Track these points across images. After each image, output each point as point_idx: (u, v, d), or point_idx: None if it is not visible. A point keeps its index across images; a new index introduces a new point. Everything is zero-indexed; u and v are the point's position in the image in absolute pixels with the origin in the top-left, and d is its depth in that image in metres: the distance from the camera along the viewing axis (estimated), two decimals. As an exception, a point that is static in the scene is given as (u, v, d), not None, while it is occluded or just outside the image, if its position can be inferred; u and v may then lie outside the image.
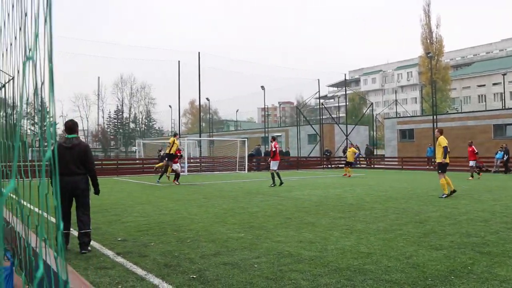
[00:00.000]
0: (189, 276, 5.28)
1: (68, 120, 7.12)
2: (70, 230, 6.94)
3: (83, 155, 6.74)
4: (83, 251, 6.52)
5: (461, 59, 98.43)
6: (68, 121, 7.02)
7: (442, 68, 63.52)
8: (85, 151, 6.79)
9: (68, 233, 6.84)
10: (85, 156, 6.76)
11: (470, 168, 23.87)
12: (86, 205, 6.85)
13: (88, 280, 5.02)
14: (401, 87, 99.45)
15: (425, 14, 63.77)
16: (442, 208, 11.18)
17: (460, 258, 6.06)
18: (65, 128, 6.96)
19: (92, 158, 6.97)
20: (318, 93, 46.48)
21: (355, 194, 14.98)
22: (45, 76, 1.42)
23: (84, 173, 6.80)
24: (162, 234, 7.84)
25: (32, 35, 1.42)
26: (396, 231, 8.09)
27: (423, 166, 34.49)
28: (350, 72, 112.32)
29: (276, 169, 18.46)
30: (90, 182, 6.98)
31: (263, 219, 9.56)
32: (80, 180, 6.73)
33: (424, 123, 40.69)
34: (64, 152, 6.65)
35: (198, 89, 36.98)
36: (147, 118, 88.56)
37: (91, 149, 7.08)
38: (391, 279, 5.11)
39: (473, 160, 23.53)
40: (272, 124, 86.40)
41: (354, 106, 79.32)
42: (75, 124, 7.07)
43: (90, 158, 6.85)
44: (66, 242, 6.70)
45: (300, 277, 5.22)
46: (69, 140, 6.78)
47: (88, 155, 6.82)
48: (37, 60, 1.40)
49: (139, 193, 15.41)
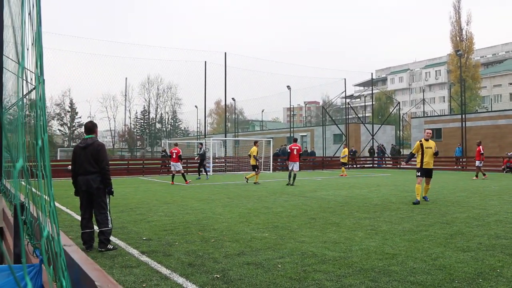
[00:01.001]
0: (213, 275, 5.32)
1: (88, 121, 7.40)
2: (93, 228, 7.01)
3: (96, 153, 6.89)
4: (99, 249, 6.69)
5: (492, 56, 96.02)
6: (87, 122, 7.33)
7: (472, 66, 62.06)
8: (98, 150, 6.92)
9: (90, 232, 6.93)
10: (97, 155, 6.90)
11: (476, 168, 23.59)
12: (102, 204, 6.94)
13: (113, 278, 5.11)
14: (429, 86, 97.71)
15: (455, 11, 62.36)
16: (470, 209, 10.95)
17: (489, 260, 5.93)
18: (84, 128, 7.29)
19: (105, 157, 7.02)
20: (344, 92, 46.04)
21: (380, 194, 14.81)
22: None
23: (98, 171, 6.92)
24: (187, 234, 7.91)
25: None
26: (422, 232, 7.96)
27: (450, 166, 33.82)
28: (377, 71, 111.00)
29: (292, 169, 19.38)
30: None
31: (287, 219, 9.55)
32: (93, 178, 6.87)
33: (452, 122, 39.89)
34: (80, 152, 6.96)
35: (224, 89, 37.12)
36: (173, 119, 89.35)
37: (105, 149, 7.13)
38: (417, 280, 5.04)
39: (478, 160, 23.23)
40: (298, 124, 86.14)
41: (381, 106, 78.34)
42: (93, 125, 7.29)
43: (102, 156, 6.94)
44: (89, 240, 6.85)
45: (324, 277, 5.19)
46: (85, 140, 7.07)
47: (100, 153, 6.92)
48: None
49: (164, 193, 15.58)
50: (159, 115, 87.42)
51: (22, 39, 1.83)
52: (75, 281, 1.84)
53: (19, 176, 2.25)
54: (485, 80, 76.18)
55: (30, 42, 1.71)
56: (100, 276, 1.65)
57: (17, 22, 2.00)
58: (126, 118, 76.72)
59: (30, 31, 1.68)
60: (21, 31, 1.86)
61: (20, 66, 1.63)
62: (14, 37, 2.06)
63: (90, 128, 7.18)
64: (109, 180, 7.04)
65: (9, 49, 3.77)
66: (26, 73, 1.86)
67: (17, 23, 2.00)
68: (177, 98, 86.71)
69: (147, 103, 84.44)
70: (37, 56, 1.47)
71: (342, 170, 27.29)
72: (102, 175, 6.94)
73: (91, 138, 7.08)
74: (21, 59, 1.53)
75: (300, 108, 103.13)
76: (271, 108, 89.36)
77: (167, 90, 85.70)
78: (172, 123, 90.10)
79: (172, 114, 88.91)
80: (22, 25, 1.84)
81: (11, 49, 3.00)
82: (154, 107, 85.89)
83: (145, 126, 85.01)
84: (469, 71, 60.34)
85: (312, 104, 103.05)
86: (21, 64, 1.53)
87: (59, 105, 72.34)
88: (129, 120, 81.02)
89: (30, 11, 1.55)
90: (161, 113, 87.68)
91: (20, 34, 1.88)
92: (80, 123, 74.42)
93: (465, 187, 17.39)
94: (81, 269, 1.75)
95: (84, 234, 6.89)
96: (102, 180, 6.94)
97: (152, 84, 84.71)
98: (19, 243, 3.08)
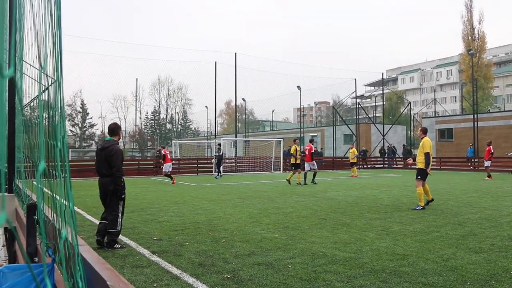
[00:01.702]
0: (223, 275, 5.33)
1: (112, 122, 7.49)
2: (107, 221, 7.14)
3: (109, 158, 6.95)
4: (106, 248, 6.85)
5: (505, 56, 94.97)
6: (111, 124, 7.44)
7: (484, 65, 61.43)
8: (111, 155, 6.94)
9: (105, 223, 7.09)
10: (110, 159, 6.95)
11: (485, 168, 23.48)
12: (114, 206, 7.04)
13: (125, 278, 5.14)
14: (440, 86, 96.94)
15: (467, 10, 61.73)
16: (482, 210, 10.85)
17: (502, 262, 5.87)
18: (108, 129, 7.41)
19: (118, 162, 6.98)
20: (355, 92, 45.88)
21: (391, 194, 14.73)
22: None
23: (111, 175, 6.99)
24: (197, 234, 7.93)
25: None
26: (433, 233, 7.90)
27: (462, 166, 33.53)
28: (388, 71, 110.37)
29: (304, 170, 20.00)
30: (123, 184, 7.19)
31: (297, 219, 9.54)
32: (108, 181, 6.99)
33: (464, 122, 39.54)
34: (98, 154, 7.15)
35: (234, 90, 37.15)
36: (184, 119, 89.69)
37: (120, 154, 7.10)
38: (428, 282, 5.00)
39: (487, 160, 23.16)
40: (308, 124, 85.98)
41: (392, 106, 77.91)
42: (116, 127, 7.36)
43: (115, 161, 6.93)
44: (103, 230, 7.01)
45: (335, 278, 5.18)
46: (103, 142, 7.20)
47: (113, 158, 6.93)
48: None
49: (175, 193, 15.63)
50: (169, 116, 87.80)
51: (43, 42, 1.85)
52: (87, 280, 1.86)
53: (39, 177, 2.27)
54: (497, 80, 75.37)
55: (49, 44, 1.74)
56: (111, 275, 1.66)
57: (38, 24, 2.03)
58: (137, 118, 77.18)
59: (50, 33, 1.71)
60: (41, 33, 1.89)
61: (41, 68, 1.65)
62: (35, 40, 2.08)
63: (111, 130, 7.28)
64: (119, 186, 7.02)
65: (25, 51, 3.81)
66: (43, 75, 1.88)
67: (38, 25, 2.03)
68: (187, 98, 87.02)
69: (157, 104, 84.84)
70: (56, 58, 1.49)
71: (353, 170, 27.02)
72: (113, 180, 6.99)
73: (109, 140, 7.14)
74: (43, 62, 1.55)
75: (310, 108, 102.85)
76: (281, 108, 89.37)
77: (177, 91, 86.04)
78: (183, 123, 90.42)
79: (182, 114, 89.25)
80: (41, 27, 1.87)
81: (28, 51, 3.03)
82: (165, 108, 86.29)
83: (156, 127, 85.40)
84: (481, 71, 59.76)
85: (323, 104, 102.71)
86: (43, 67, 1.55)
87: (70, 106, 73.03)
88: (139, 120, 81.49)
89: (51, 13, 1.57)
90: (172, 114, 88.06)
91: (41, 37, 1.90)
92: (91, 123, 74.98)
93: (477, 188, 17.23)
94: (93, 268, 1.77)
95: (100, 224, 7.15)
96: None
97: (162, 85, 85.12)
98: (32, 242, 3.11)
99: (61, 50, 1.48)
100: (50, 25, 1.67)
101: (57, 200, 1.87)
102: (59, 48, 1.48)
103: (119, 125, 7.53)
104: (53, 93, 1.65)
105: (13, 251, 4.46)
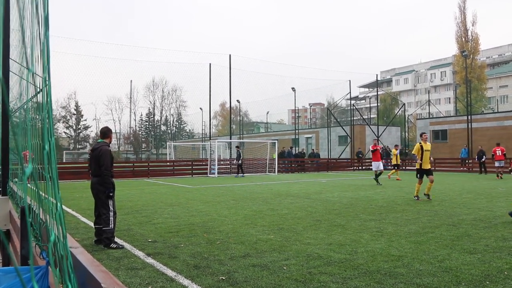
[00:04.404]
0: (218, 277, 5.32)
1: (104, 126, 7.92)
2: (101, 225, 7.29)
3: (99, 158, 7.33)
4: (103, 246, 7.06)
5: (499, 57, 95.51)
6: (102, 127, 7.87)
7: (477, 67, 61.73)
8: (100, 155, 7.34)
9: (98, 228, 7.35)
10: (99, 159, 7.32)
11: (496, 168, 25.09)
12: (103, 205, 7.30)
13: (119, 280, 5.12)
14: (434, 87, 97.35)
15: (460, 12, 62.03)
16: (476, 211, 10.90)
17: (496, 262, 5.89)
18: (100, 133, 7.86)
19: (106, 162, 7.29)
20: (349, 94, 45.94)
21: (386, 196, 14.76)
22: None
23: (101, 174, 7.33)
24: (192, 236, 7.92)
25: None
26: (428, 234, 7.93)
27: (456, 167, 33.67)
28: (382, 72, 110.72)
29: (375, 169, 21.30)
30: (113, 184, 7.47)
31: (292, 221, 9.53)
32: (97, 181, 7.37)
33: (458, 123, 39.73)
34: (91, 155, 7.66)
35: (229, 91, 37.10)
36: (178, 121, 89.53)
37: (108, 154, 7.38)
38: (423, 283, 5.02)
39: (498, 161, 24.73)
40: (303, 126, 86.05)
41: (386, 107, 78.10)
42: (107, 130, 7.79)
43: (103, 161, 7.29)
44: (98, 235, 7.30)
45: (330, 279, 5.18)
46: (95, 144, 7.70)
47: (102, 157, 7.30)
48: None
49: (170, 195, 15.59)
50: (164, 118, 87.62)
51: (31, 43, 1.84)
52: (81, 282, 1.85)
53: (27, 179, 2.26)
54: (491, 81, 75.81)
55: (38, 46, 1.72)
56: (106, 277, 1.65)
57: (25, 26, 2.01)
58: (131, 120, 77.10)
59: (38, 35, 1.70)
60: (29, 35, 1.88)
61: (29, 70, 1.64)
62: (22, 41, 2.07)
63: (103, 133, 7.71)
64: (108, 184, 7.33)
65: (16, 53, 3.80)
66: (33, 76, 1.87)
67: (25, 27, 2.01)
68: (182, 100, 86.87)
69: (152, 106, 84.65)
70: (44, 60, 1.48)
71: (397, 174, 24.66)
72: (101, 179, 7.32)
73: (100, 142, 7.59)
74: (30, 63, 1.54)
75: (305, 109, 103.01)
76: (276, 110, 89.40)
77: (172, 92, 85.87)
78: (177, 125, 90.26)
79: (177, 116, 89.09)
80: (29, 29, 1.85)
81: (18, 53, 3.02)
82: (159, 110, 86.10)
83: (150, 129, 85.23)
84: (475, 72, 60.06)
85: (317, 106, 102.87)
86: (30, 69, 1.53)
87: (64, 108, 72.73)
88: (134, 122, 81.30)
89: (39, 14, 1.56)
90: (166, 115, 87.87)
91: (29, 38, 1.89)
92: (85, 125, 74.68)
93: (471, 189, 17.30)
94: (87, 270, 1.76)
95: (95, 229, 7.47)
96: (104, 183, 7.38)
97: (157, 87, 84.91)
98: (26, 245, 3.09)
99: (48, 52, 1.48)
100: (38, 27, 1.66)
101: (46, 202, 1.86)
102: (47, 50, 1.47)
103: (111, 129, 8.00)
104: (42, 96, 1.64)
105: (6, 254, 4.43)
